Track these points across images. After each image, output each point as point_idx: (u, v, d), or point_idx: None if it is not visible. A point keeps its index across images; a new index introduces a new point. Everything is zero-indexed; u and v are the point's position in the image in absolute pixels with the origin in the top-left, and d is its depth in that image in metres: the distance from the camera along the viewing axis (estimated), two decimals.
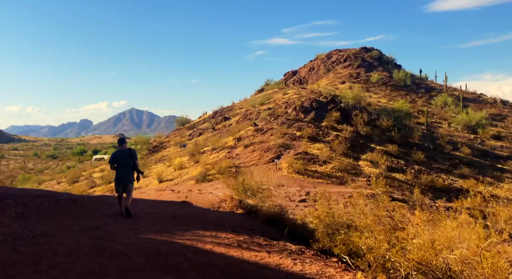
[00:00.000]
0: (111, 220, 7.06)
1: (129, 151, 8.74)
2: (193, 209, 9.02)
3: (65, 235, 5.12)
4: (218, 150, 33.76)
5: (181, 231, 6.19)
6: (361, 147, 32.62)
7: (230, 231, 6.59)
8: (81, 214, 7.33)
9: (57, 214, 7.02)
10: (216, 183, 24.70)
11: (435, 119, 52.12)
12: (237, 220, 7.98)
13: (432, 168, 32.01)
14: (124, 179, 8.55)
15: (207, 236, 5.88)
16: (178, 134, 53.52)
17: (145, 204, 9.55)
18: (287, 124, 34.50)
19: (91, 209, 8.19)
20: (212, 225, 6.96)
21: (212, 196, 10.89)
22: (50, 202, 7.72)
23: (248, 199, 9.95)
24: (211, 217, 7.97)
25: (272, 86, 68.48)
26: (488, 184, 30.29)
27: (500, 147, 42.75)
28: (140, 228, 6.34)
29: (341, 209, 12.39)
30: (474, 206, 23.16)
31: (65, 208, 7.75)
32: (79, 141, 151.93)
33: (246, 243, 5.65)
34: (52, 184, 49.98)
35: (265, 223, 8.13)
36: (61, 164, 78.99)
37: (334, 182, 25.82)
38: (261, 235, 6.62)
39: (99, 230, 5.83)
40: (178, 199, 10.53)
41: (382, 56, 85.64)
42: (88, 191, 36.04)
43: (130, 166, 8.61)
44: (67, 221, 6.37)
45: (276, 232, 7.49)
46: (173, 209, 8.71)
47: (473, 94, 74.66)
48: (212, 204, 9.82)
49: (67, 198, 8.79)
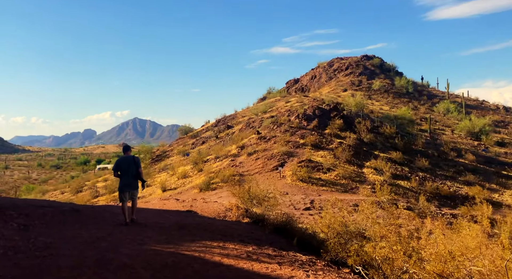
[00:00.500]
0: (116, 230, 6.87)
1: (133, 159, 8.69)
2: (198, 218, 8.82)
3: (68, 247, 4.96)
4: (222, 158, 33.60)
5: (188, 241, 6.00)
6: (364, 154, 32.41)
7: (238, 241, 6.39)
8: (85, 225, 7.14)
9: (61, 224, 6.84)
10: (220, 191, 24.50)
11: (438, 126, 51.92)
12: (244, 229, 7.77)
13: (437, 175, 31.73)
14: (128, 186, 8.46)
15: (215, 247, 5.68)
16: (181, 143, 53.44)
17: (150, 214, 9.37)
18: (290, 132, 34.37)
19: (95, 219, 8.00)
20: (219, 235, 6.77)
21: (217, 205, 10.69)
22: (53, 213, 7.56)
23: (254, 207, 9.76)
24: (217, 226, 7.77)
25: (274, 94, 68.54)
26: (494, 191, 29.98)
27: (504, 154, 42.46)
28: (145, 238, 6.14)
29: (348, 217, 12.19)
30: (481, 213, 22.86)
31: (69, 218, 7.58)
32: (82, 151, 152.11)
33: (255, 254, 5.45)
34: (56, 194, 49.81)
35: (273, 233, 7.94)
36: (65, 174, 78.95)
37: (339, 189, 25.57)
38: (270, 245, 6.43)
39: (104, 241, 5.65)
40: (183, 208, 10.34)
41: (383, 63, 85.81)
42: (92, 201, 35.88)
43: (133, 173, 8.53)
44: (70, 232, 6.19)
45: (284, 242, 7.29)
46: (179, 218, 8.52)
47: (475, 101, 74.55)
48: (218, 213, 9.63)
49: (70, 208, 8.63)
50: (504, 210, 25.05)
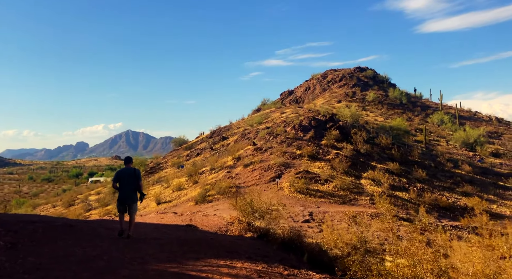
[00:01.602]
0: (113, 247, 6.35)
1: (133, 171, 8.45)
2: (200, 233, 8.36)
3: (61, 267, 4.43)
4: (217, 169, 33.11)
5: (192, 259, 5.53)
6: (362, 165, 32.15)
7: (245, 258, 5.95)
8: (79, 241, 6.60)
9: (52, 242, 6.31)
10: (216, 203, 23.96)
11: (432, 137, 52.02)
12: (250, 245, 7.32)
13: (435, 186, 31.50)
14: (127, 198, 8.24)
15: (222, 266, 5.23)
16: (175, 155, 52.82)
17: (148, 229, 8.87)
18: (287, 143, 34.06)
19: (89, 235, 7.48)
20: (225, 252, 6.31)
21: (218, 219, 10.23)
22: (44, 229, 7.05)
23: (256, 221, 9.33)
24: (221, 242, 7.30)
25: (269, 105, 68.49)
26: (492, 202, 29.79)
27: (499, 164, 42.51)
28: (145, 256, 5.64)
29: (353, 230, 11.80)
30: (481, 225, 22.58)
31: (61, 234, 7.05)
32: (75, 164, 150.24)
33: (266, 273, 5.02)
34: (47, 208, 48.78)
35: (281, 248, 7.50)
36: (56, 187, 77.67)
37: (337, 201, 25.18)
38: (280, 263, 6.00)
39: (100, 260, 5.13)
40: (182, 222, 9.85)
41: (376, 75, 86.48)
42: (85, 214, 35.07)
43: (133, 186, 8.29)
44: (63, 250, 5.67)
45: (294, 259, 6.86)
46: (179, 233, 8.03)
47: (468, 112, 75.15)
48: (219, 227, 9.16)
49: (63, 224, 8.12)
50: (504, 221, 24.79)
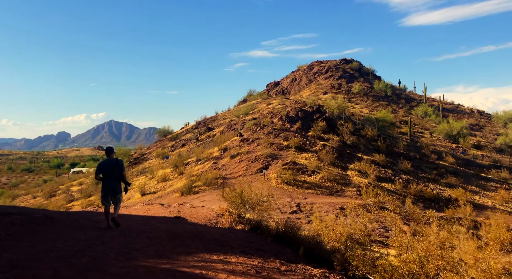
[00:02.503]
0: (97, 241, 5.89)
1: (116, 162, 8.29)
2: (189, 225, 7.99)
3: (40, 265, 3.98)
4: (203, 161, 32.68)
5: (183, 254, 5.16)
6: (348, 156, 32.20)
7: (239, 252, 5.63)
8: (61, 235, 6.11)
9: (31, 235, 5.84)
10: (203, 195, 23.60)
11: (417, 129, 52.59)
12: (243, 238, 7.00)
13: (420, 177, 31.84)
14: (111, 190, 8.10)
15: (216, 261, 4.89)
16: (160, 145, 52.07)
17: (134, 221, 8.44)
18: (274, 134, 33.81)
19: (72, 227, 7.00)
20: (217, 246, 5.96)
21: (207, 210, 9.88)
22: (22, 221, 6.57)
23: (246, 212, 9.05)
24: (212, 235, 6.94)
25: (255, 96, 68.04)
26: (474, 193, 30.28)
27: (481, 156, 43.30)
28: (133, 251, 5.27)
29: (341, 221, 11.64)
30: (465, 216, 22.89)
31: (41, 227, 6.57)
32: (56, 154, 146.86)
33: (263, 269, 4.72)
34: (27, 199, 47.56)
35: (275, 241, 7.23)
36: (37, 178, 75.72)
37: (324, 192, 25.15)
38: (275, 257, 5.71)
39: (84, 255, 4.69)
40: (170, 214, 9.46)
41: (362, 67, 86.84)
42: (66, 205, 34.28)
43: (116, 176, 8.17)
44: (43, 245, 5.21)
45: (290, 252, 6.59)
46: (168, 226, 7.63)
47: (451, 104, 76.34)
48: (209, 219, 8.81)
49: (43, 215, 7.64)
50: (486, 212, 25.21)
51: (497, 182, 33.91)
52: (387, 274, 4.41)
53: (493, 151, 46.32)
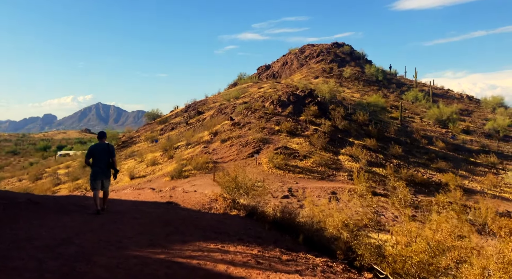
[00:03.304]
0: (85, 228, 5.47)
1: (107, 146, 8.21)
2: (182, 211, 7.68)
3: (22, 255, 3.60)
4: (193, 145, 32.27)
5: (178, 243, 4.85)
6: (340, 141, 32.10)
7: (237, 240, 5.34)
8: (46, 221, 5.70)
9: (14, 221, 5.43)
10: (193, 179, 23.31)
11: (407, 114, 52.70)
12: (239, 224, 6.72)
13: (410, 162, 31.98)
14: (101, 174, 7.99)
15: (214, 250, 4.59)
16: (149, 129, 51.37)
17: (125, 206, 8.09)
18: (265, 119, 33.47)
19: (58, 213, 6.60)
20: (213, 233, 5.65)
21: (200, 195, 9.58)
22: (5, 206, 6.15)
23: (241, 198, 8.79)
24: (208, 221, 6.62)
25: (246, 80, 67.28)
26: (464, 178, 30.58)
27: (470, 141, 43.68)
28: (124, 239, 4.94)
29: (333, 206, 11.51)
30: (455, 200, 23.05)
31: (24, 213, 6.16)
32: (42, 136, 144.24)
33: (264, 258, 4.44)
34: (12, 182, 46.73)
35: (273, 228, 6.98)
36: (23, 160, 74.31)
37: (316, 177, 25.08)
38: (275, 245, 5.45)
39: (71, 244, 4.38)
40: (162, 199, 9.14)
41: (353, 51, 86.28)
42: (53, 189, 33.71)
43: (106, 162, 8.07)
44: (26, 232, 4.82)
45: (290, 240, 6.33)
46: (160, 211, 7.29)
47: (441, 89, 76.58)
48: (202, 205, 8.52)
49: (27, 200, 7.25)
50: (476, 197, 25.49)
51: (486, 166, 34.28)
52: (397, 265, 4.19)
53: (482, 136, 46.73)
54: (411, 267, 4.01)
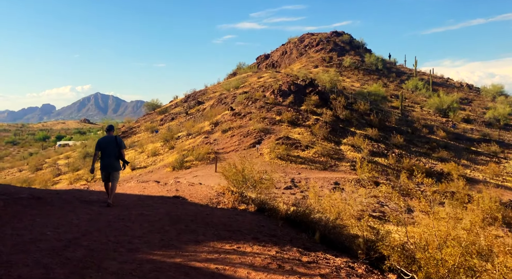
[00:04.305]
0: (93, 227, 5.23)
1: (115, 139, 8.28)
2: (191, 206, 7.43)
3: (27, 260, 3.28)
4: (194, 135, 31.97)
5: (192, 243, 4.56)
6: (341, 131, 31.88)
7: (252, 239, 5.10)
8: (50, 219, 5.40)
9: (16, 220, 5.12)
10: (195, 170, 23.08)
11: (407, 103, 52.41)
12: (251, 221, 6.46)
13: (412, 152, 31.82)
14: (109, 166, 8.10)
15: (230, 252, 4.32)
16: (149, 119, 51.00)
17: (131, 201, 7.84)
18: (266, 108, 33.13)
19: (62, 209, 6.33)
20: (226, 231, 5.39)
21: (206, 189, 9.33)
22: (6, 203, 5.89)
23: (248, 191, 8.57)
24: (218, 218, 6.35)
25: (245, 70, 66.61)
26: (465, 167, 30.45)
27: (470, 130, 43.53)
28: (134, 240, 4.67)
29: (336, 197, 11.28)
30: (458, 190, 22.90)
31: (28, 209, 5.90)
32: (41, 127, 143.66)
33: (284, 261, 4.18)
34: (12, 172, 46.55)
35: (286, 225, 6.74)
36: (22, 151, 74.01)
37: (318, 167, 24.90)
38: (291, 244, 5.21)
39: (78, 246, 4.09)
40: (168, 193, 8.89)
41: (352, 40, 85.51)
42: (54, 179, 33.53)
43: (115, 154, 8.14)
44: (30, 232, 4.52)
45: (306, 238, 6.10)
46: (168, 207, 7.03)
47: (441, 78, 76.21)
48: (210, 199, 8.27)
49: (29, 195, 6.98)
50: (479, 186, 25.38)
51: (487, 155, 34.19)
52: (431, 269, 3.93)
53: (482, 125, 46.60)
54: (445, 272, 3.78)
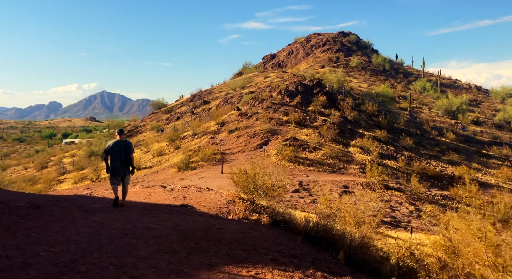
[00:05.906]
0: (92, 244, 4.50)
1: (124, 143, 8.28)
2: (200, 217, 6.90)
3: None
4: (200, 135, 31.52)
5: (204, 268, 3.99)
6: (349, 132, 31.27)
7: (270, 261, 4.56)
8: (46, 233, 4.91)
9: (8, 235, 4.63)
10: (201, 171, 22.61)
11: (415, 104, 51.67)
12: (267, 237, 5.90)
13: (421, 154, 31.15)
14: (120, 171, 8.22)
15: (247, 278, 3.86)
16: (154, 118, 50.67)
17: (135, 211, 7.31)
18: (273, 109, 32.60)
19: (60, 220, 5.85)
20: (241, 251, 4.84)
21: (215, 196, 8.82)
22: (1, 213, 5.45)
23: (260, 199, 8.07)
24: (231, 234, 5.75)
25: (251, 69, 66.13)
26: (477, 170, 29.74)
27: (480, 132, 42.73)
28: (138, 263, 4.08)
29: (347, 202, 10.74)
30: (470, 195, 22.25)
31: (23, 221, 5.41)
32: (48, 124, 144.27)
33: None
34: (18, 170, 46.46)
35: (305, 242, 6.21)
36: (28, 148, 74.21)
37: (326, 169, 24.33)
38: (314, 267, 4.65)
39: (75, 273, 3.48)
40: (175, 201, 8.38)
41: (359, 40, 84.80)
42: (58, 178, 33.28)
43: (124, 158, 8.17)
44: (21, 252, 3.94)
45: (329, 258, 5.56)
46: (176, 219, 6.46)
47: (449, 80, 75.29)
48: (219, 207, 7.77)
49: (27, 204, 6.53)
50: (492, 191, 24.68)
51: (499, 159, 33.41)
52: None
53: (493, 127, 45.76)
54: None
